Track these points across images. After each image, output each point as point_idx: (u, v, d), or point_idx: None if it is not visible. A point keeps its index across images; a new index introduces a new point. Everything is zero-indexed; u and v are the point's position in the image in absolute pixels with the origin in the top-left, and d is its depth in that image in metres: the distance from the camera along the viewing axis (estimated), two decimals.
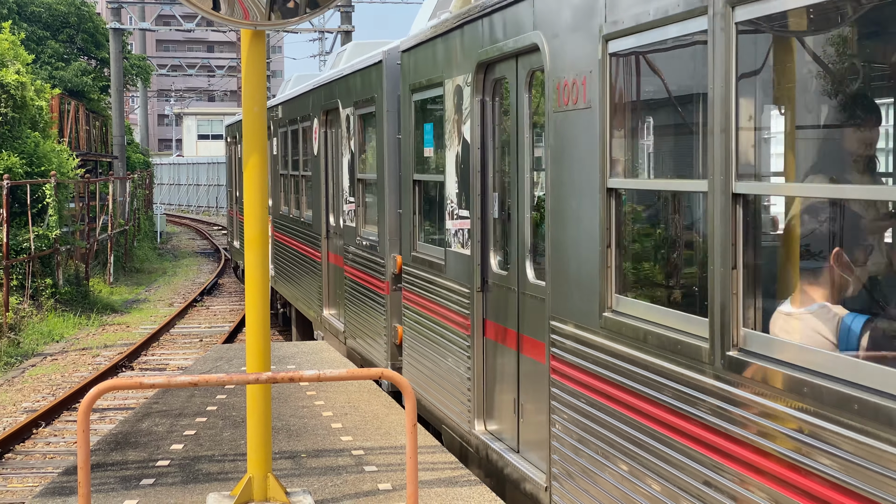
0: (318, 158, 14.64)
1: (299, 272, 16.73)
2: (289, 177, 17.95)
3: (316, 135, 14.79)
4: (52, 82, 34.14)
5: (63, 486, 7.61)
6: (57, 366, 17.56)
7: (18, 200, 22.90)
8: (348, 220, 12.94)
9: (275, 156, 19.06)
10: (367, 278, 11.92)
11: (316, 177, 14.91)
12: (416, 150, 10.11)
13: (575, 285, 6.32)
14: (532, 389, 7.38)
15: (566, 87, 6.36)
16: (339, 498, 7.25)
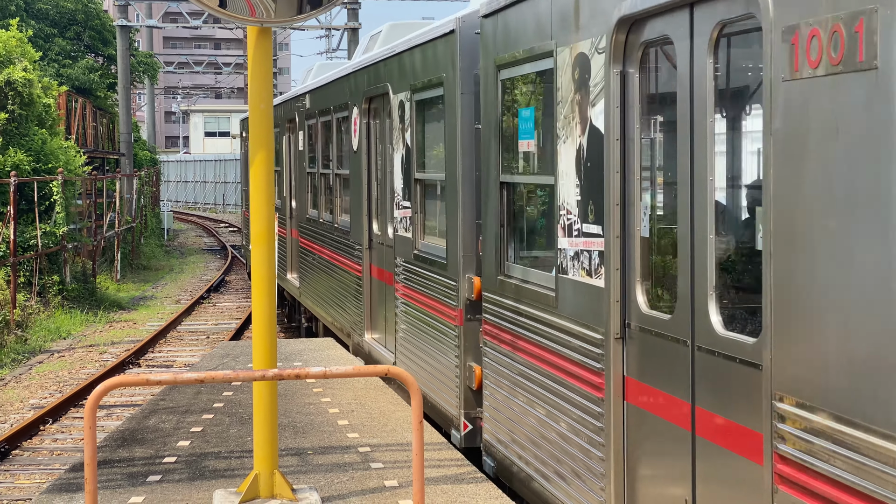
0: (358, 154, 12.53)
1: (332, 286, 14.59)
2: (318, 175, 15.72)
3: (356, 126, 12.64)
4: (60, 79, 34.21)
5: (70, 482, 7.62)
6: (64, 363, 17.60)
7: (26, 197, 22.95)
8: (402, 228, 10.61)
9: (300, 151, 17.12)
10: (430, 302, 9.69)
11: (356, 176, 12.72)
12: (504, 144, 7.94)
13: (837, 357, 4.16)
14: (721, 488, 5.17)
15: (815, 39, 4.21)
16: (346, 495, 7.25)
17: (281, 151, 18.93)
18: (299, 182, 17.39)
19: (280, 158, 19.82)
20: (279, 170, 19.31)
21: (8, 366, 17.31)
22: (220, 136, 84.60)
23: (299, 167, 17.29)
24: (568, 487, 6.69)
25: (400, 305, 10.68)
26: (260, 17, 6.76)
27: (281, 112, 19.09)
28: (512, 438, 7.63)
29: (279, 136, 19.13)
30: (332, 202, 14.77)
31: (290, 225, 18.85)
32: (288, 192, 18.92)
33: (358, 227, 12.69)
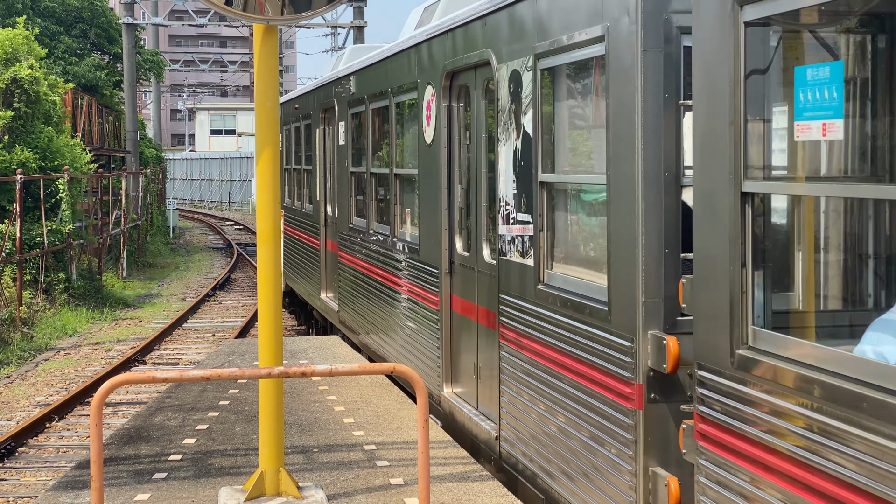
0: (433, 148, 9.73)
1: (391, 316, 11.56)
2: (367, 176, 12.71)
3: (429, 112, 9.88)
4: (66, 77, 34.24)
5: (76, 480, 7.63)
6: (70, 360, 17.62)
7: (32, 195, 22.99)
8: (513, 251, 7.69)
9: (341, 147, 14.08)
10: (579, 367, 6.54)
11: (429, 177, 9.92)
12: (755, 131, 4.68)
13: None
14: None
15: None
16: (351, 492, 7.26)
17: (314, 147, 16.42)
18: (339, 184, 14.46)
19: (291, 155, 18.81)
20: (307, 168, 17.40)
21: (14, 363, 17.33)
22: (226, 133, 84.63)
23: (339, 165, 14.40)
24: None
25: (518, 363, 7.56)
26: (266, 15, 6.77)
27: (312, 101, 16.73)
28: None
29: (311, 129, 16.91)
30: (389, 211, 11.69)
31: (324, 234, 15.90)
32: (322, 196, 15.92)
33: (433, 246, 9.80)
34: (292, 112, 18.40)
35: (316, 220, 16.54)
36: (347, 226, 13.86)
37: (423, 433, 6.05)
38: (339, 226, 14.52)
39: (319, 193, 16.23)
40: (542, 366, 7.08)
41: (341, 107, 14.13)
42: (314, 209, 16.29)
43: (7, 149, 22.88)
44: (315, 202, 16.19)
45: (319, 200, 16.22)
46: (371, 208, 12.58)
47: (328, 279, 15.91)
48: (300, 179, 18.04)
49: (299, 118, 17.74)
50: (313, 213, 16.38)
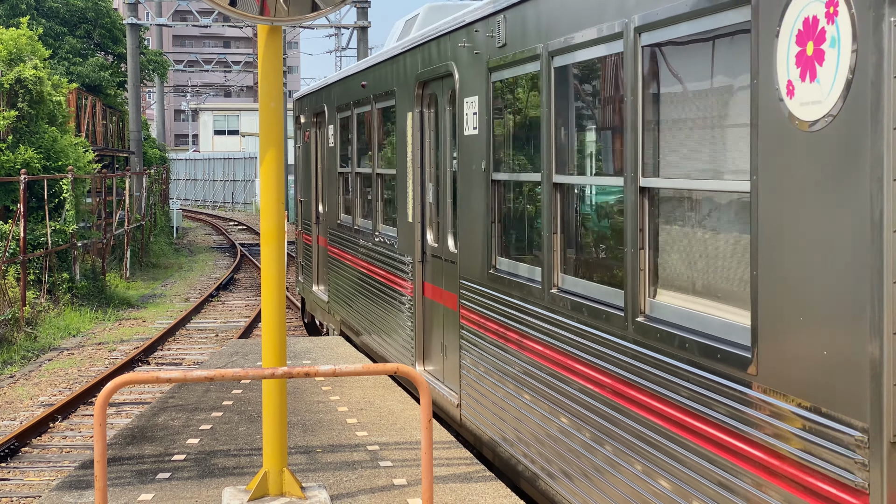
0: None
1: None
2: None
3: None
4: (70, 77, 34.29)
5: (79, 479, 7.64)
6: (73, 360, 17.63)
7: (36, 195, 23.02)
8: None
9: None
10: None
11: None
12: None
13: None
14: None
15: None
16: (355, 493, 7.26)
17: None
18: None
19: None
20: (386, 173, 15.51)
21: (18, 363, 17.35)
22: (230, 134, 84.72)
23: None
24: None
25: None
26: (270, 16, 6.77)
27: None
28: None
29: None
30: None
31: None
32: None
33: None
34: (344, 95, 13.99)
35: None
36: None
37: (427, 434, 6.05)
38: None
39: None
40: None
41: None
42: (402, 234, 10.81)
43: (11, 149, 22.91)
44: (405, 223, 10.66)
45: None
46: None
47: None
48: (365, 187, 13.12)
49: (365, 101, 12.66)
50: (401, 241, 10.86)
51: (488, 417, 8.21)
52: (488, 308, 8.15)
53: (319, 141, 16.14)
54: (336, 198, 14.62)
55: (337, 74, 14.96)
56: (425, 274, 10.31)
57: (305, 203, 17.68)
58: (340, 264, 14.43)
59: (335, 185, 14.67)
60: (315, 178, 16.57)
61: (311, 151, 16.73)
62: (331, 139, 14.86)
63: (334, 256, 14.80)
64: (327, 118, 15.18)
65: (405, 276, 10.80)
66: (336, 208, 14.63)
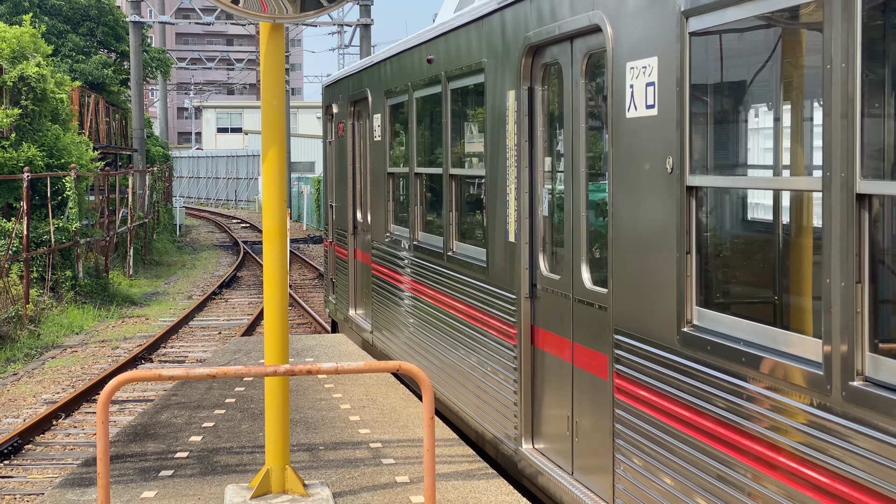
0: None
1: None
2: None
3: None
4: (73, 75, 34.30)
5: (82, 477, 7.65)
6: (77, 358, 17.65)
7: (39, 193, 23.04)
8: None
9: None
10: None
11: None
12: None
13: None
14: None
15: None
16: (357, 490, 7.27)
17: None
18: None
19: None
20: (474, 176, 13.18)
21: (21, 361, 17.37)
22: (233, 132, 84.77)
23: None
24: None
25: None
26: (272, 14, 6.78)
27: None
28: None
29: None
30: None
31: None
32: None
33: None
34: (398, 75, 11.38)
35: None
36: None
37: (429, 431, 6.05)
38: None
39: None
40: None
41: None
42: (496, 257, 8.20)
43: (14, 146, 22.93)
44: (502, 242, 8.07)
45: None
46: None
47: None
48: (429, 192, 10.77)
49: (431, 81, 10.06)
50: (494, 267, 8.24)
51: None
52: (677, 387, 5.35)
53: (359, 134, 13.61)
54: (384, 204, 11.81)
55: (386, 50, 12.04)
56: (536, 316, 7.46)
57: (339, 209, 14.88)
58: (391, 288, 11.53)
59: (383, 189, 11.87)
60: (353, 180, 13.90)
61: (347, 147, 14.03)
62: (377, 131, 12.15)
63: (382, 277, 11.94)
64: (372, 106, 12.42)
65: (501, 316, 7.95)
66: (384, 217, 11.82)
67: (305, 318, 21.61)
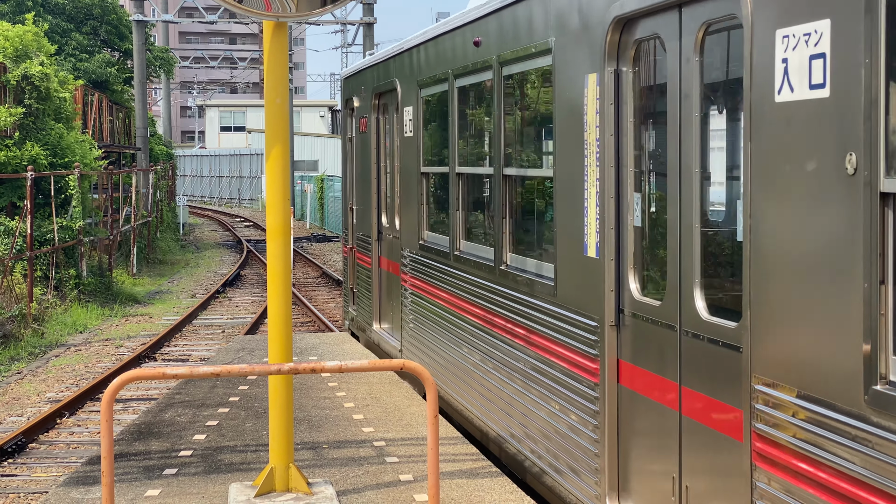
0: None
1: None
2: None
3: None
4: (76, 74, 34.33)
5: (86, 475, 7.65)
6: (80, 356, 17.66)
7: (42, 192, 23.05)
8: None
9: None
10: None
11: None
12: None
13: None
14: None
15: None
16: (361, 489, 7.27)
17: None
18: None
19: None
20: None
21: (25, 359, 17.38)
22: (236, 130, 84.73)
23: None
24: None
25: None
26: (276, 12, 6.78)
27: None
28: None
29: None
30: None
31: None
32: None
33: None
34: (434, 61, 10.20)
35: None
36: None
37: (433, 430, 6.05)
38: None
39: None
40: None
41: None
42: (568, 274, 7.04)
43: (18, 145, 22.95)
44: (578, 258, 6.85)
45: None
46: None
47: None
48: (475, 195, 9.60)
49: (479, 67, 8.80)
50: (565, 286, 7.07)
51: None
52: (860, 463, 4.10)
53: (386, 129, 12.50)
54: (417, 208, 10.67)
55: (419, 35, 10.72)
56: (623, 348, 6.26)
57: (361, 212, 13.72)
58: (425, 303, 10.34)
59: (415, 191, 10.71)
60: (377, 181, 12.84)
61: (370, 144, 12.92)
62: (408, 126, 10.95)
63: (414, 290, 10.77)
64: (401, 98, 11.23)
65: (576, 346, 6.75)
66: (417, 222, 10.66)
67: (309, 317, 21.62)
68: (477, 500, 7.04)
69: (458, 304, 9.25)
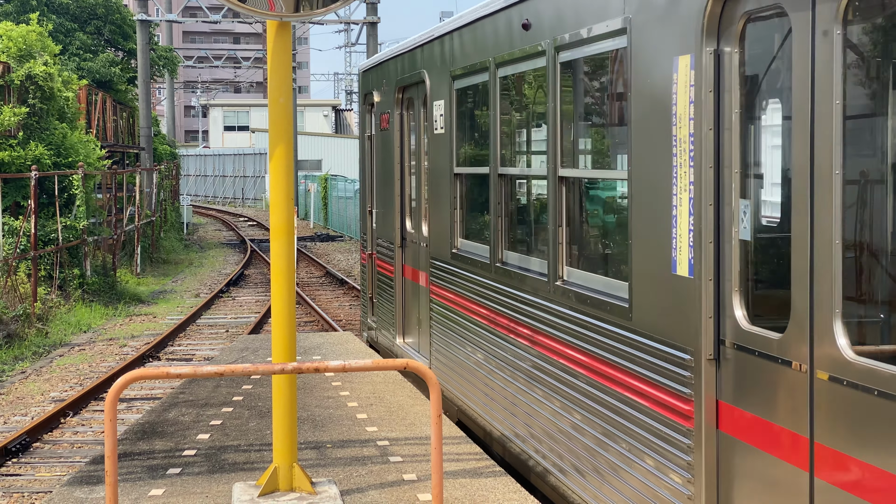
0: None
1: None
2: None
3: None
4: (80, 73, 34.38)
5: (90, 475, 7.66)
6: (84, 356, 17.68)
7: (46, 191, 23.07)
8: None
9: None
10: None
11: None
12: None
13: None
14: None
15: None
16: (364, 488, 7.27)
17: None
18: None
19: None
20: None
21: (29, 359, 17.40)
22: (240, 130, 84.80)
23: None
24: None
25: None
26: (279, 12, 6.78)
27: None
28: None
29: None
30: None
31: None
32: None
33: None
34: (471, 49, 9.22)
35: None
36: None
37: (437, 429, 6.05)
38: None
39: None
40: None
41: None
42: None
43: (22, 145, 22.97)
44: (662, 276, 5.83)
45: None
46: None
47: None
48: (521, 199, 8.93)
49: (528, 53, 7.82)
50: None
51: None
52: None
53: (412, 126, 11.59)
54: (450, 213, 9.75)
55: (453, 20, 9.68)
56: (724, 387, 5.22)
57: (382, 216, 12.77)
58: (459, 320, 9.47)
59: (447, 193, 9.81)
60: (401, 182, 11.94)
61: (393, 142, 11.99)
62: (439, 122, 10.03)
63: (445, 304, 9.90)
64: (431, 91, 10.29)
65: (659, 381, 5.72)
66: (450, 229, 9.77)
67: (312, 317, 21.62)
68: (480, 500, 7.04)
69: (500, 322, 8.30)
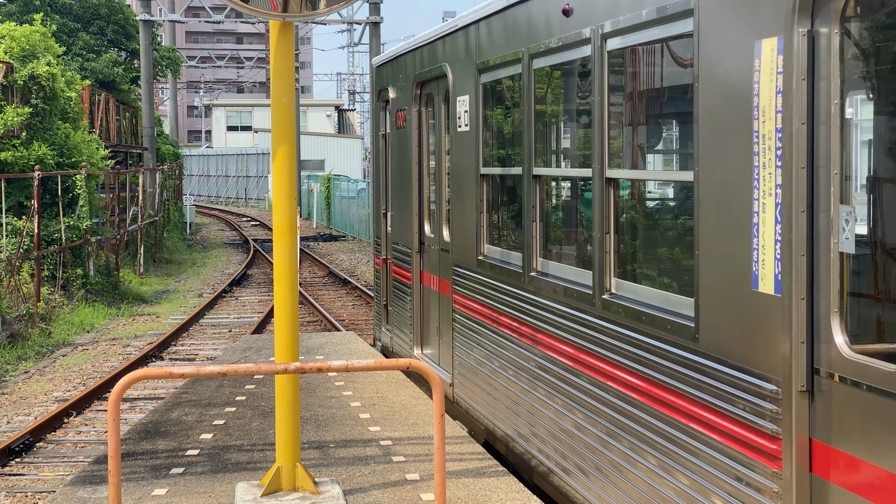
0: None
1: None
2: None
3: None
4: (83, 74, 34.41)
5: (93, 474, 7.66)
6: (87, 356, 17.69)
7: (49, 191, 23.10)
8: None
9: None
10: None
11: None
12: None
13: None
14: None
15: None
16: (367, 488, 7.27)
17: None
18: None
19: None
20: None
21: (32, 359, 17.42)
22: (242, 130, 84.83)
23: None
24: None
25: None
26: (282, 12, 6.78)
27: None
28: None
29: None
30: None
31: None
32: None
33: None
34: (499, 41, 8.50)
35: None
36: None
37: (439, 429, 6.05)
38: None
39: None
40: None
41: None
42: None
43: (25, 145, 22.99)
44: (739, 293, 5.03)
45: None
46: None
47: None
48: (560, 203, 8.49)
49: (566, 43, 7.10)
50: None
51: None
52: None
53: (431, 124, 10.97)
54: (476, 217, 8.99)
55: (480, 7, 8.90)
56: (818, 424, 4.51)
57: (398, 219, 12.08)
58: (487, 333, 8.74)
59: (472, 196, 9.06)
60: (419, 183, 11.26)
61: (410, 141, 11.28)
62: (463, 119, 9.32)
63: (471, 316, 9.18)
64: (453, 86, 9.60)
65: (738, 415, 4.95)
66: (475, 234, 9.01)
67: (315, 316, 21.63)
68: (483, 500, 7.05)
69: (535, 337, 7.61)
